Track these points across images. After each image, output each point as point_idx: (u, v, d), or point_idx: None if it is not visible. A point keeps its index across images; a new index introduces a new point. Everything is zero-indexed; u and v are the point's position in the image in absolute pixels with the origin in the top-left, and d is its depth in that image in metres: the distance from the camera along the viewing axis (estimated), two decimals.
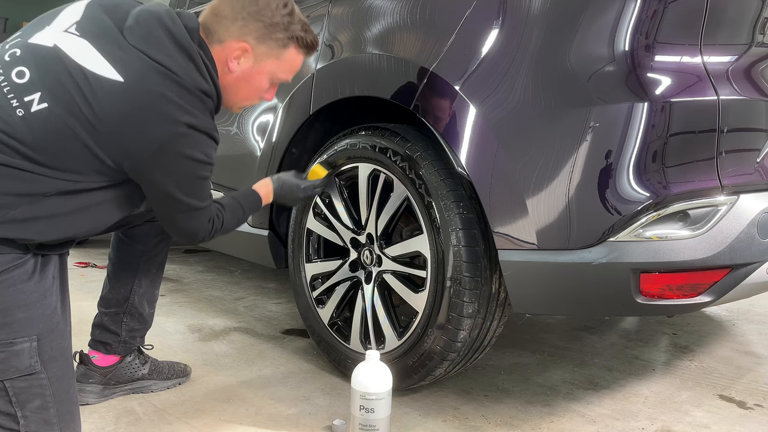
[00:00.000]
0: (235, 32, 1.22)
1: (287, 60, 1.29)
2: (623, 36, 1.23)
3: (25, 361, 1.08)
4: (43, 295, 1.13)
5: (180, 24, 1.15)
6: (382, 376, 1.37)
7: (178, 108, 1.09)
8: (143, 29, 1.11)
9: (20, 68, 1.08)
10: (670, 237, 1.23)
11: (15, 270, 1.09)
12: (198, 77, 1.14)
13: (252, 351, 1.97)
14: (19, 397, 1.08)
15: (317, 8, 1.82)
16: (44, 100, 1.06)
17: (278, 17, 1.24)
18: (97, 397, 1.59)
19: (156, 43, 1.10)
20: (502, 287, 1.46)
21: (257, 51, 1.25)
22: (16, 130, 1.05)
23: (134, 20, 1.12)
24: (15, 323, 1.08)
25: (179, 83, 1.10)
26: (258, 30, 1.23)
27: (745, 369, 1.88)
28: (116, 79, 1.06)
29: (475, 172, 1.36)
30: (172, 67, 1.10)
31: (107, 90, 1.06)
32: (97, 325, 1.62)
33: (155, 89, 1.07)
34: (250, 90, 1.30)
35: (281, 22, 1.24)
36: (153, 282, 1.62)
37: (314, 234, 1.82)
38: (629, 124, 1.22)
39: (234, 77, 1.26)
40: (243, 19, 1.22)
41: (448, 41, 1.42)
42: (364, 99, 1.63)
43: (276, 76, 1.31)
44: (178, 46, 1.12)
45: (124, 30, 1.11)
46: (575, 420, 1.53)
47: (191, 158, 1.14)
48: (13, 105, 1.06)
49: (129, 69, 1.07)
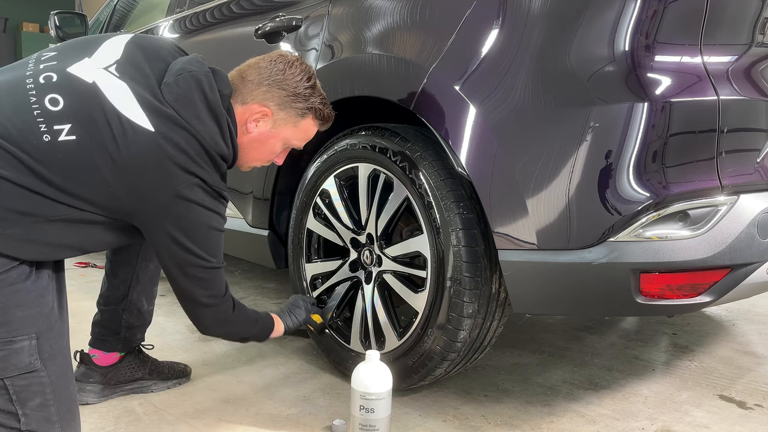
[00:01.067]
0: (259, 96, 1.30)
1: (303, 129, 1.37)
2: (623, 36, 1.23)
3: (24, 358, 1.09)
4: (41, 294, 1.14)
5: (216, 91, 1.22)
6: (382, 376, 1.37)
7: (195, 164, 1.16)
8: (181, 90, 1.18)
9: (54, 95, 1.11)
10: (670, 237, 1.23)
11: (13, 270, 1.10)
12: (220, 142, 1.21)
13: (252, 351, 1.97)
14: (19, 395, 1.09)
15: (317, 8, 1.81)
16: (74, 133, 1.10)
17: (301, 89, 1.32)
18: (98, 396, 1.59)
19: (190, 106, 1.18)
20: (502, 287, 1.46)
21: (276, 116, 1.32)
22: (39, 153, 1.08)
23: (174, 80, 1.19)
24: (14, 321, 1.09)
25: (201, 144, 1.17)
26: (280, 97, 1.31)
27: (745, 369, 1.88)
28: (147, 128, 1.12)
29: (475, 172, 1.36)
30: (199, 130, 1.17)
31: (138, 136, 1.11)
32: (97, 323, 1.62)
33: (182, 145, 1.14)
34: (262, 152, 1.37)
35: (303, 93, 1.32)
36: (151, 279, 1.63)
37: (314, 234, 1.82)
38: (629, 124, 1.22)
39: (250, 138, 1.32)
40: (268, 85, 1.30)
41: (448, 41, 1.42)
42: (364, 99, 1.63)
43: (289, 142, 1.38)
44: (210, 112, 1.20)
45: (163, 85, 1.18)
46: (575, 420, 1.53)
47: (202, 205, 1.19)
48: (41, 129, 1.09)
49: (160, 122, 1.13)
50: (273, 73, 1.30)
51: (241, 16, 2.14)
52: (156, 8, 2.87)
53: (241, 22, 2.12)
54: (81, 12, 3.37)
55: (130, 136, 1.11)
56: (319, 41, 1.76)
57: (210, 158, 1.20)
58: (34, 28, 8.98)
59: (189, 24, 2.43)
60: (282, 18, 1.88)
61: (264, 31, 1.93)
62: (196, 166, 1.16)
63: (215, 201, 1.22)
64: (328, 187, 1.75)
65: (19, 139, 1.07)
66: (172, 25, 2.56)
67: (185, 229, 1.20)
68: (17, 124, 1.08)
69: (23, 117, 1.09)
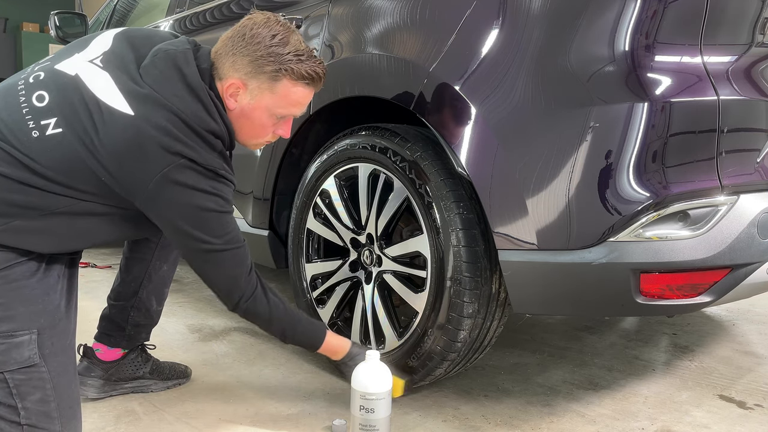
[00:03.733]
0: (229, 69, 1.21)
1: (282, 94, 1.23)
2: (623, 36, 1.23)
3: (24, 353, 1.10)
4: (46, 292, 1.15)
5: (193, 65, 1.18)
6: (382, 376, 1.37)
7: (180, 143, 1.12)
8: (157, 69, 1.15)
9: (41, 92, 1.13)
10: (670, 237, 1.23)
11: (17, 266, 1.11)
12: (207, 118, 1.16)
13: (252, 351, 1.97)
14: (19, 389, 1.10)
15: (317, 8, 1.82)
16: (59, 126, 1.11)
17: (263, 50, 1.19)
18: (98, 391, 1.60)
19: (168, 84, 1.14)
20: (502, 287, 1.46)
21: (250, 87, 1.21)
22: (31, 149, 1.10)
23: (150, 60, 1.17)
24: (17, 317, 1.10)
25: (185, 122, 1.13)
26: (246, 65, 1.20)
27: (745, 369, 1.88)
28: (127, 113, 1.10)
29: (475, 172, 1.36)
30: (180, 107, 1.13)
31: (117, 121, 1.10)
32: (105, 317, 1.63)
33: (161, 124, 1.11)
34: (252, 127, 1.27)
35: (268, 54, 1.19)
36: (163, 279, 1.63)
37: (314, 234, 1.82)
38: (629, 124, 1.22)
39: (234, 115, 1.25)
40: (233, 55, 1.20)
41: (448, 41, 1.42)
42: (364, 99, 1.63)
43: (275, 111, 1.25)
44: (189, 88, 1.15)
45: (141, 69, 1.16)
46: (575, 420, 1.53)
47: (194, 188, 1.15)
48: (29, 126, 1.11)
49: (140, 105, 1.11)
50: (236, 41, 1.20)
51: (241, 16, 2.13)
52: (156, 8, 2.87)
53: None
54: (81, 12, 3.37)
55: (110, 122, 1.10)
56: (319, 41, 1.77)
57: (198, 136, 1.14)
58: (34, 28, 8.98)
59: (189, 24, 2.44)
60: (282, 18, 1.88)
61: None
62: (181, 146, 1.12)
63: (211, 181, 1.16)
64: (328, 187, 1.75)
65: (11, 137, 1.10)
66: (172, 25, 2.56)
67: (179, 213, 1.17)
68: (9, 123, 1.11)
69: (14, 116, 1.12)
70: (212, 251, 1.22)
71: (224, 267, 1.26)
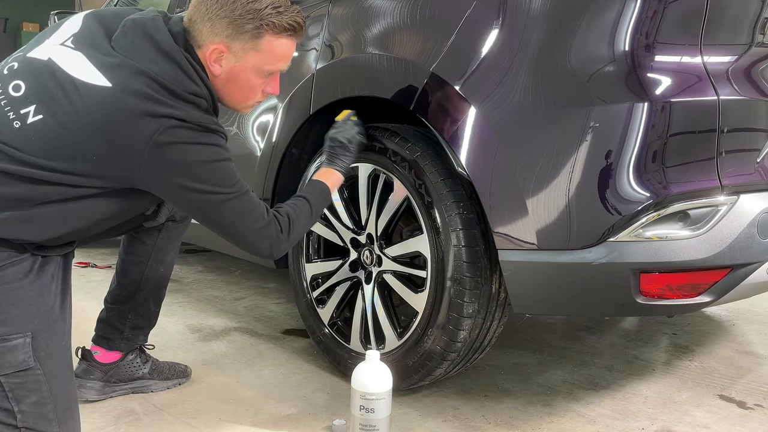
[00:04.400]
0: (208, 35, 1.19)
1: (267, 50, 1.21)
2: (623, 36, 1.23)
3: (18, 356, 1.09)
4: (40, 294, 1.14)
5: (164, 30, 1.16)
6: (382, 376, 1.37)
7: (165, 105, 1.09)
8: (128, 39, 1.14)
9: (16, 82, 1.12)
10: (670, 237, 1.23)
11: (10, 268, 1.10)
12: (186, 80, 1.14)
13: (252, 351, 1.97)
14: (15, 393, 1.09)
15: (317, 8, 1.81)
16: (39, 113, 1.09)
17: (240, 8, 1.17)
18: (97, 393, 1.59)
19: (141, 51, 1.12)
20: (502, 287, 1.46)
21: (233, 49, 1.19)
22: (15, 140, 1.08)
23: (120, 30, 1.15)
24: (9, 320, 1.09)
25: (164, 86, 1.10)
26: (225, 27, 1.18)
27: (745, 369, 1.88)
28: (105, 85, 1.08)
29: (475, 172, 1.36)
30: (157, 72, 1.10)
31: (95, 95, 1.08)
32: (102, 320, 1.63)
33: (142, 90, 1.08)
34: (241, 89, 1.25)
35: (246, 12, 1.17)
36: (160, 281, 1.63)
37: (314, 234, 1.82)
38: (629, 124, 1.22)
39: (221, 80, 1.23)
40: (210, 20, 1.18)
41: (448, 41, 1.42)
42: (364, 99, 1.63)
43: (263, 69, 1.23)
44: (162, 52, 1.13)
45: (112, 40, 1.14)
46: (575, 420, 1.53)
47: (190, 143, 1.12)
48: (10, 117, 1.09)
49: (116, 75, 1.09)
50: (210, 5, 1.18)
51: None
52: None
53: None
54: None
55: (87, 97, 1.07)
56: (319, 41, 1.77)
57: (179, 98, 1.12)
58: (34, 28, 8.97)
59: None
60: None
61: None
62: (166, 107, 1.09)
63: (204, 134, 1.14)
64: None
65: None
66: None
67: (184, 173, 1.14)
68: None
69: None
70: (229, 200, 1.19)
71: (247, 212, 1.23)
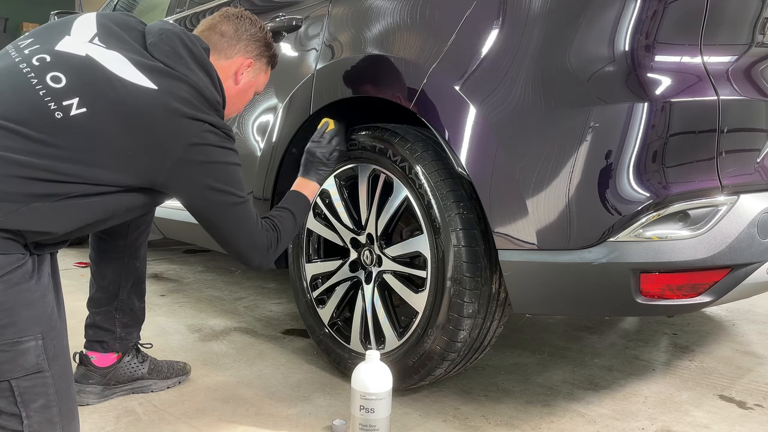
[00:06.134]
0: (242, 49, 1.41)
1: (268, 74, 1.53)
2: (623, 36, 1.23)
3: (31, 359, 1.09)
4: (44, 294, 1.14)
5: (198, 44, 1.29)
6: (382, 376, 1.37)
7: (201, 111, 1.22)
8: (167, 46, 1.24)
9: (55, 73, 1.14)
10: (670, 237, 1.23)
11: (18, 270, 1.10)
12: (214, 91, 1.28)
13: (252, 351, 1.97)
14: (23, 397, 1.09)
15: (317, 8, 1.81)
16: (83, 105, 1.12)
17: (268, 39, 1.47)
18: (98, 397, 1.59)
19: (180, 60, 1.23)
20: (502, 287, 1.46)
21: (256, 66, 1.46)
22: (55, 131, 1.10)
23: (158, 38, 1.24)
24: (20, 322, 1.08)
25: (200, 93, 1.23)
26: (258, 48, 1.44)
27: (745, 369, 1.88)
28: (150, 87, 1.16)
29: (475, 172, 1.36)
30: (195, 80, 1.23)
31: (143, 96, 1.15)
32: (90, 325, 1.62)
33: (184, 96, 1.19)
34: (242, 101, 1.50)
35: (269, 43, 1.47)
36: (139, 276, 1.63)
37: (314, 234, 1.82)
38: (629, 124, 1.22)
39: (237, 89, 1.44)
40: (246, 39, 1.42)
41: (448, 41, 1.42)
42: (364, 99, 1.63)
43: (259, 89, 1.52)
44: (198, 63, 1.26)
45: (149, 46, 1.24)
46: (575, 420, 1.53)
47: (220, 146, 1.25)
48: (51, 107, 1.11)
49: (160, 79, 1.18)
50: (247, 27, 1.42)
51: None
52: (156, 8, 2.87)
53: None
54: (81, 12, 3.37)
55: (137, 97, 1.15)
56: (319, 41, 1.77)
57: (210, 104, 1.25)
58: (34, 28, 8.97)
59: (189, 24, 2.43)
60: (282, 18, 1.88)
61: None
62: (202, 113, 1.21)
63: (227, 140, 1.27)
64: (328, 187, 1.75)
65: (32, 121, 1.09)
66: None
67: (211, 171, 1.24)
68: (26, 107, 1.10)
69: (30, 100, 1.10)
70: (238, 204, 1.30)
71: (248, 218, 1.33)
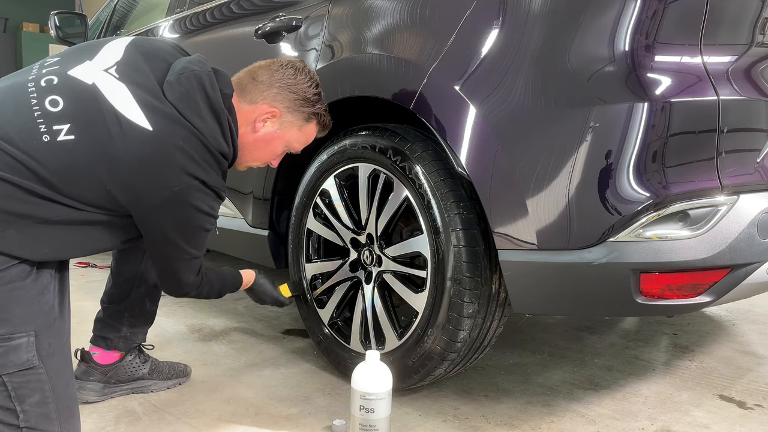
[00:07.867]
0: (269, 97, 1.34)
1: (306, 133, 1.42)
2: (623, 36, 1.23)
3: (22, 355, 1.10)
4: (41, 292, 1.15)
5: (217, 89, 1.24)
6: (382, 376, 1.37)
7: (196, 164, 1.17)
8: (183, 88, 1.19)
9: (54, 97, 1.13)
10: (670, 237, 1.23)
11: (12, 268, 1.11)
12: (221, 140, 1.22)
13: (252, 351, 1.97)
14: (18, 392, 1.10)
15: (317, 8, 1.81)
16: (72, 133, 1.11)
17: (309, 94, 1.37)
18: (97, 395, 1.59)
19: (192, 104, 1.18)
20: (502, 287, 1.46)
21: (284, 118, 1.36)
22: (38, 154, 1.09)
23: (176, 78, 1.20)
24: (12, 319, 1.10)
25: (202, 143, 1.18)
26: (290, 100, 1.35)
27: (745, 369, 1.88)
28: (146, 128, 1.13)
29: (475, 172, 1.36)
30: (200, 128, 1.18)
31: (135, 135, 1.12)
32: (99, 320, 1.63)
33: (179, 144, 1.15)
34: (265, 152, 1.40)
35: (311, 99, 1.38)
36: (155, 280, 1.62)
37: (314, 234, 1.82)
38: (629, 124, 1.22)
39: (255, 137, 1.36)
40: (279, 87, 1.34)
41: (448, 41, 1.42)
42: (365, 99, 1.63)
43: (291, 145, 1.42)
44: (212, 111, 1.21)
45: (164, 84, 1.19)
46: (575, 420, 1.53)
47: (198, 209, 1.21)
48: (41, 129, 1.10)
49: (160, 121, 1.14)
50: (285, 77, 1.34)
51: (241, 16, 2.14)
52: (156, 8, 2.87)
53: (241, 23, 2.12)
54: (81, 12, 3.37)
55: (129, 135, 1.11)
56: (319, 41, 1.77)
57: (212, 156, 1.20)
58: (34, 28, 8.98)
59: (189, 24, 2.43)
60: (282, 18, 1.88)
61: (264, 31, 1.93)
62: (196, 167, 1.17)
63: (212, 201, 1.24)
64: (328, 187, 1.75)
65: (19, 140, 1.08)
66: (172, 26, 2.56)
67: (178, 227, 1.22)
68: (17, 125, 1.10)
69: (23, 119, 1.10)
70: (189, 260, 1.30)
71: (191, 271, 1.34)
